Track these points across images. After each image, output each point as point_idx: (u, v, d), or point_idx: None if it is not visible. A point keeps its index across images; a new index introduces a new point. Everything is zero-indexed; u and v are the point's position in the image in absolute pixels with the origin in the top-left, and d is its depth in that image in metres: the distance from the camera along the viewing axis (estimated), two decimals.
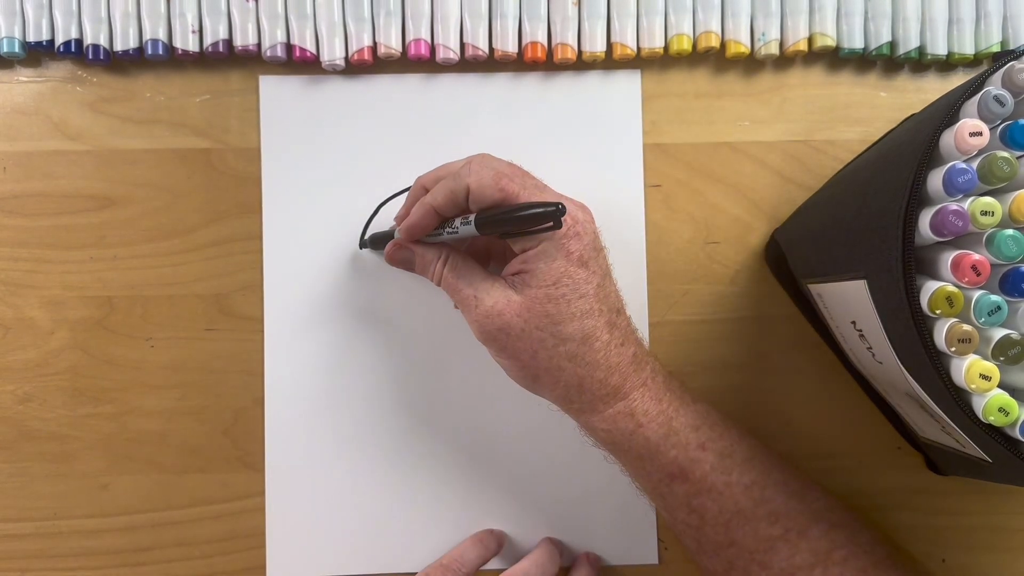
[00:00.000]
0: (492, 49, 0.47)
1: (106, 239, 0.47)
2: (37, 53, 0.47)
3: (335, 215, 0.47)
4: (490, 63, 0.48)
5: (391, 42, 0.47)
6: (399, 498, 0.47)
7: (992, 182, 0.31)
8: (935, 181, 0.31)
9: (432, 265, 0.41)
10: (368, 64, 0.47)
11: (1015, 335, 0.31)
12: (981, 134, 0.31)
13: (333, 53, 0.46)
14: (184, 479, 0.47)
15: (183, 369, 0.47)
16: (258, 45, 0.47)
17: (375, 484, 0.47)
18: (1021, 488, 0.47)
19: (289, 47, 0.47)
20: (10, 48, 0.46)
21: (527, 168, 0.40)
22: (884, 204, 0.33)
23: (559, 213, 0.36)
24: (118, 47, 0.46)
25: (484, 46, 0.47)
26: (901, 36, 0.47)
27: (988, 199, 0.31)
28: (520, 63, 0.47)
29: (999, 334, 0.31)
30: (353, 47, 0.47)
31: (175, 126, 0.47)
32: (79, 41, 0.46)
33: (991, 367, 0.31)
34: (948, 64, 0.48)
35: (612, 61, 0.47)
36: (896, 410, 0.44)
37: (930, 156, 0.31)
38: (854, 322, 0.37)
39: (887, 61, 0.48)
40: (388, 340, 0.47)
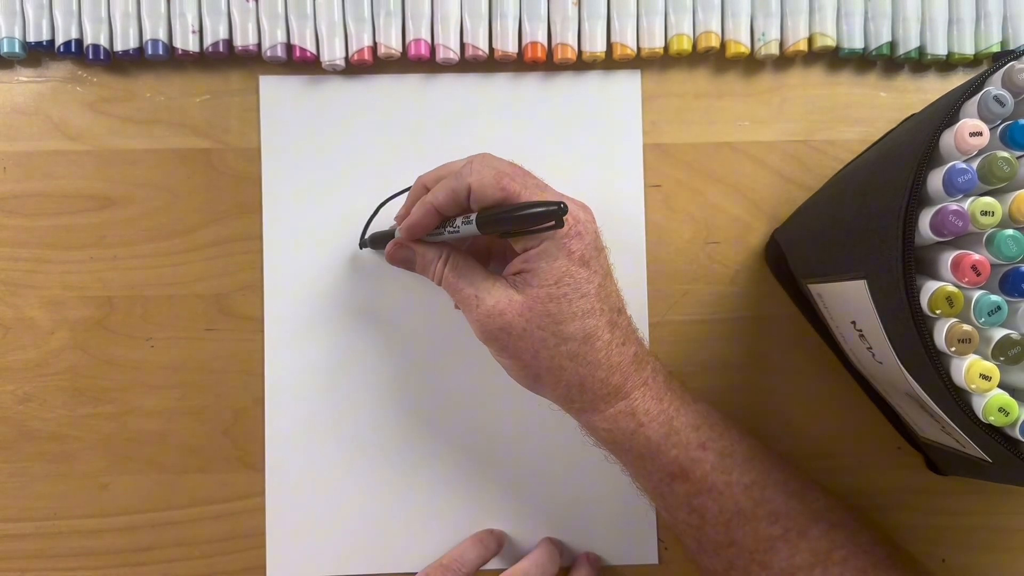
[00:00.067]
0: (492, 49, 0.47)
1: (106, 239, 0.47)
2: (37, 53, 0.47)
3: (335, 215, 0.47)
4: (490, 63, 0.48)
5: (391, 42, 0.47)
6: (399, 498, 0.47)
7: (992, 182, 0.31)
8: (935, 181, 0.31)
9: (433, 264, 0.41)
10: (368, 64, 0.47)
11: (1015, 335, 0.31)
12: (981, 134, 0.31)
13: (333, 53, 0.46)
14: (184, 479, 0.47)
15: (183, 369, 0.47)
16: (258, 45, 0.47)
17: (375, 484, 0.47)
18: (1021, 488, 0.47)
19: (289, 47, 0.47)
20: (10, 48, 0.46)
21: (527, 168, 0.40)
22: (884, 204, 0.33)
23: (561, 212, 0.36)
24: (118, 47, 0.46)
25: (484, 46, 0.47)
26: (901, 36, 0.47)
27: (988, 199, 0.31)
28: (520, 63, 0.47)
29: (999, 334, 0.31)
30: (353, 47, 0.47)
31: (175, 126, 0.47)
32: (79, 41, 0.46)
33: (991, 367, 0.31)
34: (948, 64, 0.48)
35: (612, 61, 0.47)
36: (896, 410, 0.44)
37: (930, 156, 0.31)
38: (854, 322, 0.37)
39: (887, 61, 0.48)
40: (388, 340, 0.47)
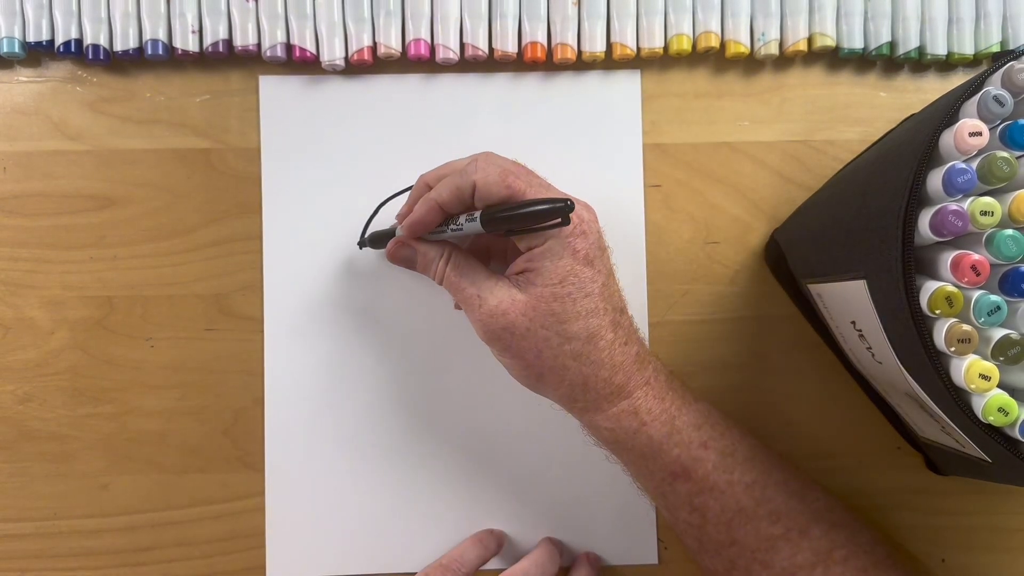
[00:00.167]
0: (492, 49, 0.47)
1: (106, 239, 0.47)
2: (37, 53, 0.47)
3: (335, 215, 0.47)
4: (490, 63, 0.48)
5: (391, 42, 0.47)
6: (399, 498, 0.47)
7: (992, 182, 0.31)
8: (935, 181, 0.31)
9: (434, 263, 0.40)
10: (368, 64, 0.47)
11: (1015, 335, 0.31)
12: (981, 134, 0.31)
13: (333, 53, 0.46)
14: (184, 479, 0.47)
15: (183, 369, 0.47)
16: (258, 45, 0.47)
17: (375, 484, 0.47)
18: (1021, 488, 0.47)
19: (289, 47, 0.47)
20: (10, 48, 0.46)
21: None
22: (884, 204, 0.33)
23: (567, 209, 0.36)
24: (118, 47, 0.46)
25: (484, 46, 0.47)
26: (901, 36, 0.47)
27: (988, 199, 0.31)
28: (520, 63, 0.47)
29: (999, 334, 0.31)
30: (353, 47, 0.47)
31: (175, 126, 0.47)
32: (79, 41, 0.46)
33: (991, 367, 0.31)
34: (948, 64, 0.48)
35: (612, 61, 0.47)
36: (896, 410, 0.44)
37: (930, 156, 0.31)
38: (854, 322, 0.37)
39: (887, 61, 0.48)
40: (388, 340, 0.47)
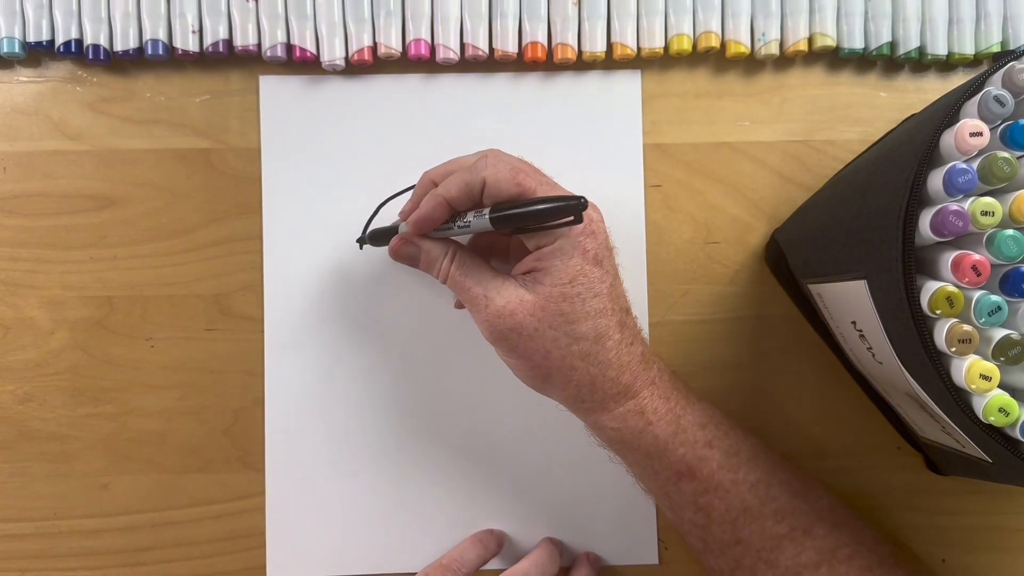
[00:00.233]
0: (492, 49, 0.47)
1: (106, 239, 0.47)
2: (37, 53, 0.47)
3: (335, 215, 0.47)
4: (490, 63, 0.48)
5: (391, 42, 0.47)
6: (399, 498, 0.47)
7: (992, 182, 0.31)
8: (935, 181, 0.31)
9: (438, 261, 0.40)
10: (368, 64, 0.47)
11: (1015, 335, 0.31)
12: (981, 134, 0.31)
13: (333, 53, 0.46)
14: (184, 479, 0.47)
15: (183, 369, 0.47)
16: (258, 45, 0.47)
17: (375, 484, 0.47)
18: (1021, 488, 0.47)
19: (289, 47, 0.47)
20: (10, 48, 0.46)
21: None
22: (884, 204, 0.33)
23: (581, 207, 0.35)
24: (118, 47, 0.46)
25: (484, 46, 0.47)
26: (901, 36, 0.47)
27: (988, 199, 0.31)
28: (520, 63, 0.47)
29: (999, 334, 0.31)
30: (353, 47, 0.47)
31: (175, 126, 0.47)
32: (79, 41, 0.46)
33: (991, 367, 0.31)
34: (948, 64, 0.48)
35: (612, 61, 0.47)
36: (896, 410, 0.44)
37: (930, 156, 0.31)
38: (854, 322, 0.37)
39: (887, 61, 0.48)
40: (388, 340, 0.47)
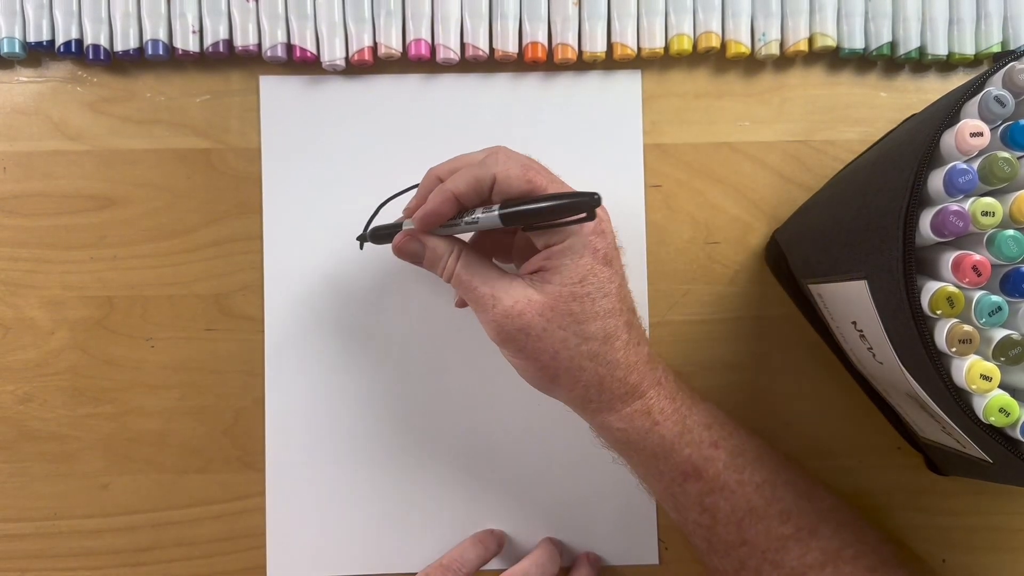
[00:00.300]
0: (492, 49, 0.47)
1: (106, 239, 0.47)
2: (37, 53, 0.47)
3: (335, 215, 0.47)
4: (490, 63, 0.48)
5: (391, 42, 0.47)
6: (399, 498, 0.47)
7: (993, 182, 0.31)
8: (936, 181, 0.31)
9: (443, 259, 0.39)
10: (368, 64, 0.47)
11: (1016, 335, 0.31)
12: (982, 135, 0.31)
13: (333, 53, 0.46)
14: (184, 479, 0.47)
15: (183, 369, 0.47)
16: (258, 45, 0.47)
17: (375, 484, 0.47)
18: (1021, 488, 0.47)
19: (289, 47, 0.47)
20: (10, 48, 0.46)
21: None
22: (885, 204, 0.33)
23: (595, 204, 0.34)
24: (118, 47, 0.46)
25: (484, 46, 0.47)
26: (901, 36, 0.47)
27: (989, 199, 0.31)
28: (520, 63, 0.47)
29: (1000, 334, 0.31)
30: (353, 47, 0.47)
31: (175, 126, 0.47)
32: (79, 41, 0.46)
33: (992, 368, 0.31)
34: (948, 64, 0.48)
35: (612, 61, 0.47)
36: (896, 410, 0.44)
37: (931, 156, 0.31)
38: (855, 322, 0.37)
39: (887, 61, 0.48)
40: (388, 340, 0.47)
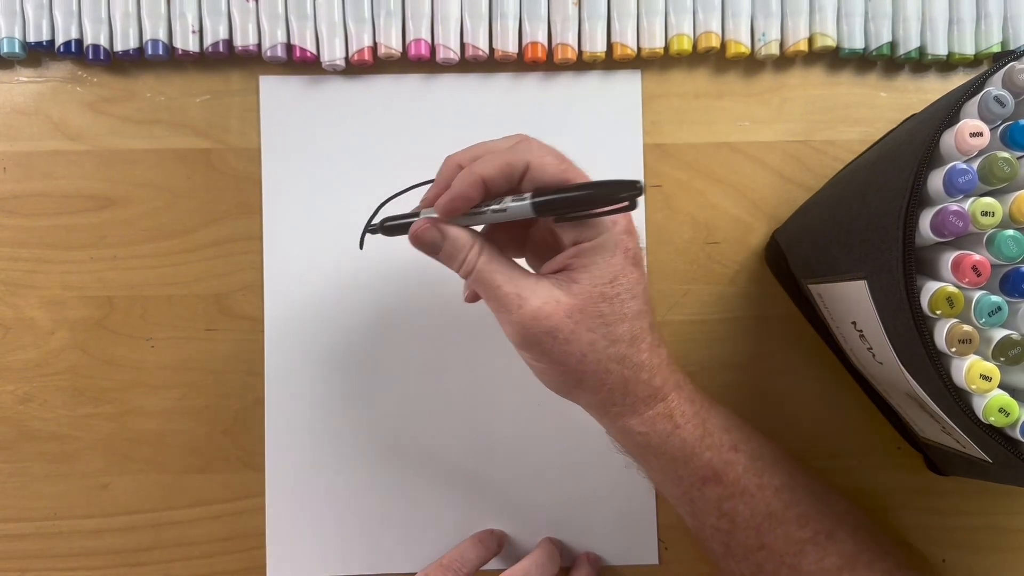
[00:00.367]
0: (492, 49, 0.47)
1: (106, 239, 0.47)
2: (37, 53, 0.47)
3: (335, 215, 0.47)
4: (490, 63, 0.48)
5: (391, 42, 0.47)
6: (399, 498, 0.47)
7: (992, 183, 0.31)
8: (935, 181, 0.31)
9: (464, 252, 0.36)
10: (368, 64, 0.47)
11: (1015, 335, 0.31)
12: (981, 135, 0.31)
13: (333, 53, 0.46)
14: (184, 479, 0.47)
15: (183, 369, 0.47)
16: (258, 45, 0.47)
17: (375, 484, 0.47)
18: (1021, 488, 0.47)
19: (289, 47, 0.47)
20: (10, 48, 0.46)
21: None
22: (884, 204, 0.33)
23: (638, 192, 0.32)
24: (118, 47, 0.46)
25: (484, 46, 0.47)
26: (901, 36, 0.47)
27: (988, 199, 0.31)
28: (520, 63, 0.47)
29: (1000, 335, 0.31)
30: (353, 47, 0.47)
31: (175, 126, 0.47)
32: (79, 41, 0.46)
33: (992, 368, 0.31)
34: (948, 64, 0.48)
35: (612, 61, 0.47)
36: (896, 410, 0.44)
37: (930, 156, 0.31)
38: (854, 322, 0.37)
39: (887, 61, 0.48)
40: (388, 340, 0.47)
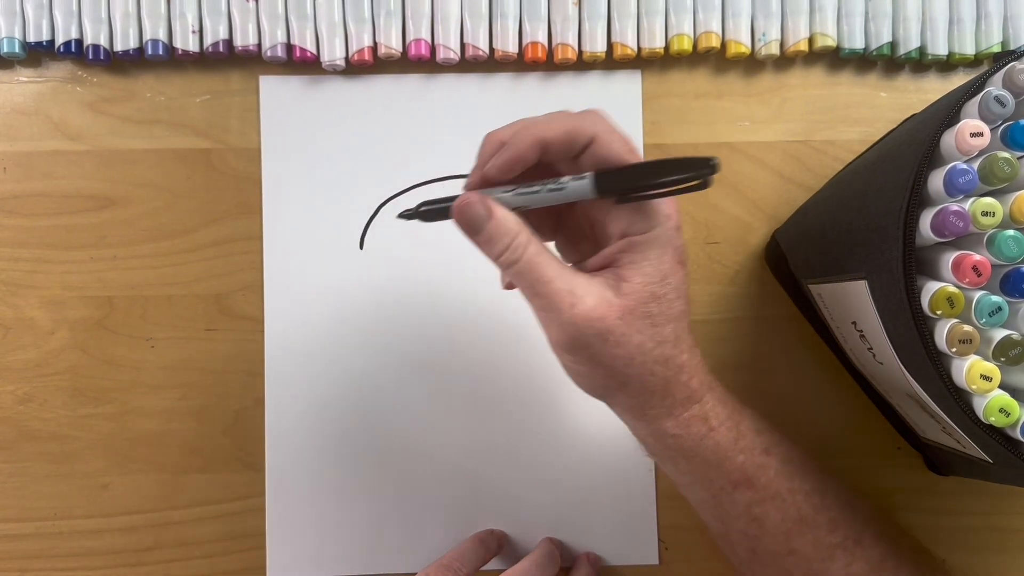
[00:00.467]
0: (492, 49, 0.47)
1: (106, 239, 0.47)
2: (37, 53, 0.47)
3: (335, 215, 0.47)
4: (490, 63, 0.48)
5: (391, 42, 0.47)
6: (399, 498, 0.47)
7: (993, 183, 0.31)
8: (936, 182, 0.31)
9: (509, 238, 0.32)
10: (368, 64, 0.47)
11: (1016, 336, 0.31)
12: (982, 135, 0.31)
13: (333, 53, 0.46)
14: (184, 479, 0.47)
15: (183, 369, 0.47)
16: (258, 45, 0.47)
17: (375, 484, 0.47)
18: (1021, 488, 0.47)
19: (289, 47, 0.47)
20: (10, 48, 0.46)
21: None
22: (885, 205, 0.33)
23: (713, 169, 0.29)
24: (118, 47, 0.46)
25: (484, 46, 0.47)
26: (902, 36, 0.47)
27: (989, 200, 0.31)
28: (520, 63, 0.47)
29: (1000, 335, 0.31)
30: (353, 47, 0.47)
31: (175, 126, 0.47)
32: (79, 41, 0.46)
33: (992, 368, 0.31)
34: (949, 64, 0.48)
35: (612, 61, 0.47)
36: (896, 410, 0.44)
37: (931, 156, 0.31)
38: (855, 322, 0.37)
39: (888, 61, 0.48)
40: (388, 339, 0.47)
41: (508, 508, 0.47)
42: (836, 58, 0.48)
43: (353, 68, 0.47)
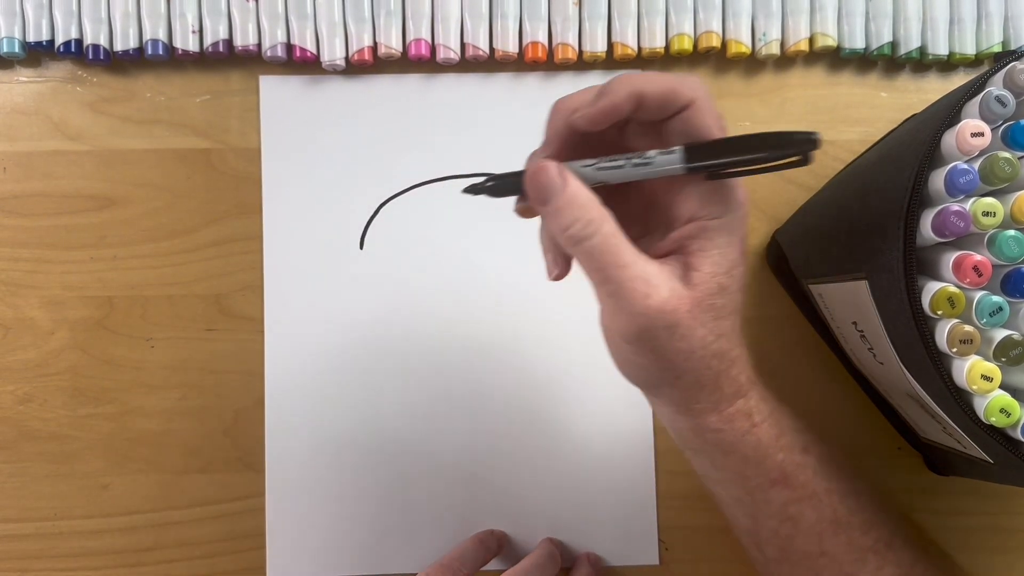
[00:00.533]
0: (493, 49, 0.47)
1: (106, 239, 0.47)
2: (37, 53, 0.47)
3: (335, 215, 0.47)
4: (491, 63, 0.47)
5: (391, 42, 0.47)
6: (399, 498, 0.47)
7: (994, 183, 0.31)
8: (936, 182, 0.31)
9: (585, 212, 0.29)
10: (368, 64, 0.47)
11: (1017, 336, 0.31)
12: (983, 135, 0.31)
13: (333, 53, 0.46)
14: (184, 479, 0.47)
15: (183, 369, 0.47)
16: (258, 45, 0.46)
17: (375, 484, 0.47)
18: (1021, 488, 0.47)
19: (289, 47, 0.47)
20: (10, 48, 0.46)
21: None
22: (885, 205, 0.33)
23: (814, 145, 0.27)
24: (118, 47, 0.46)
25: (485, 46, 0.47)
26: (902, 36, 0.47)
27: (990, 200, 0.31)
28: (521, 63, 0.47)
29: (1001, 335, 0.31)
30: (353, 47, 0.47)
31: (175, 126, 0.47)
32: (79, 41, 0.46)
33: (993, 368, 0.31)
34: (949, 64, 0.48)
35: (613, 61, 0.47)
36: (897, 410, 0.44)
37: (931, 157, 0.31)
38: (855, 323, 0.37)
39: (888, 61, 0.48)
40: (389, 339, 0.47)
41: (508, 508, 0.47)
42: (836, 58, 0.48)
43: (353, 68, 0.47)
